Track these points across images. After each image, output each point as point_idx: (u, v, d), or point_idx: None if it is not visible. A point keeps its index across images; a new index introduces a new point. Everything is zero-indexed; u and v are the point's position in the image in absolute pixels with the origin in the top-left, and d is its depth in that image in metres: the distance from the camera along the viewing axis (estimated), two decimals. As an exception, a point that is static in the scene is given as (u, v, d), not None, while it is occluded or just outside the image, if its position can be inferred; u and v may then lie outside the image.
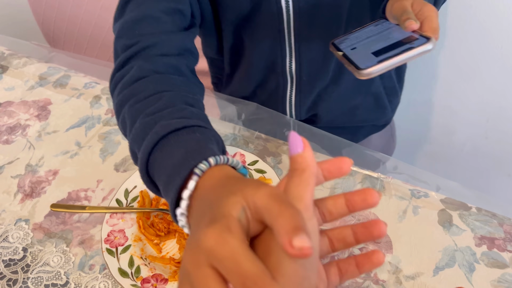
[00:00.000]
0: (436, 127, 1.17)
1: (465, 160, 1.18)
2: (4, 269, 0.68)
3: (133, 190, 0.72)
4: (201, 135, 0.45)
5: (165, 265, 0.64)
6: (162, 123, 0.45)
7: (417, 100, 1.15)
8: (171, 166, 0.42)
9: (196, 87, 0.58)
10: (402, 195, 0.72)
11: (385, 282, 0.62)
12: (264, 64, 0.81)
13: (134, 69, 0.55)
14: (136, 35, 0.57)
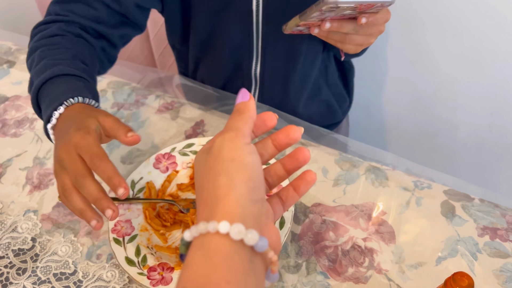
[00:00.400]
0: (439, 121, 1.17)
1: (470, 153, 1.18)
2: (13, 258, 0.69)
3: (139, 181, 0.73)
4: (83, 84, 0.61)
5: (171, 254, 0.66)
6: (59, 67, 0.62)
7: (421, 94, 1.15)
8: (55, 95, 0.58)
9: (96, 58, 0.71)
10: (405, 186, 0.72)
11: (388, 271, 0.63)
12: (232, 64, 0.84)
13: (56, 26, 0.69)
14: (69, 10, 0.70)
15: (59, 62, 0.62)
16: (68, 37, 0.68)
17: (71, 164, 0.51)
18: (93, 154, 0.50)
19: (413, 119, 1.21)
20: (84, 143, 0.51)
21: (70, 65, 0.63)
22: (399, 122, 1.25)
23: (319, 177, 0.74)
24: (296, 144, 0.80)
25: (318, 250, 0.66)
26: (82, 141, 0.51)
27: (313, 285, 0.62)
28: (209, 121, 0.86)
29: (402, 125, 1.24)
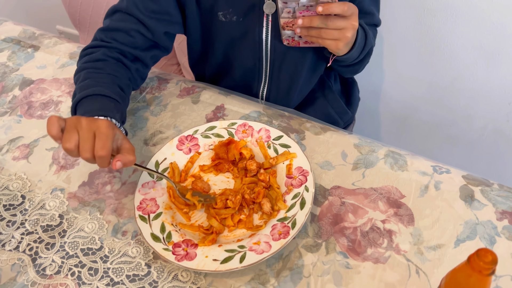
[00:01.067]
0: (456, 111, 1.17)
1: (486, 143, 1.18)
2: (42, 233, 0.72)
3: (163, 162, 0.75)
4: (114, 105, 0.73)
5: (194, 232, 0.68)
6: (99, 88, 0.73)
7: (438, 83, 1.15)
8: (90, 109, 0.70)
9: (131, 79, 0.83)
10: (424, 171, 0.73)
11: (407, 252, 0.64)
12: (242, 85, 0.94)
13: (100, 52, 0.80)
14: (112, 38, 0.82)
15: (100, 84, 0.75)
16: (110, 62, 0.80)
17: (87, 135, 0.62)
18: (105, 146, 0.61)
19: (429, 108, 1.21)
20: (105, 132, 0.62)
21: (108, 88, 0.75)
22: (415, 112, 1.25)
23: (338, 161, 0.76)
24: (315, 129, 0.81)
25: (337, 231, 0.67)
26: (105, 129, 0.63)
27: (332, 264, 0.64)
28: (229, 106, 0.87)
29: (419, 115, 1.24)
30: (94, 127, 0.63)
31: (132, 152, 0.65)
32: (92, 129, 0.62)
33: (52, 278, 0.66)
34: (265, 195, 0.70)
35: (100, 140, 0.62)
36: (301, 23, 0.70)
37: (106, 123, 0.63)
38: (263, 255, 0.61)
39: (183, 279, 0.64)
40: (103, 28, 0.84)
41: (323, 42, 0.73)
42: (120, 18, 0.82)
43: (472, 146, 1.21)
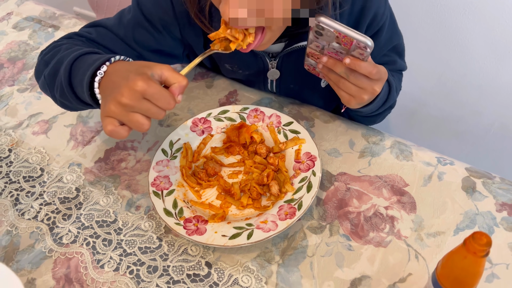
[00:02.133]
0: (464, 106, 1.18)
1: (492, 140, 1.19)
2: (59, 205, 0.75)
3: (177, 142, 0.78)
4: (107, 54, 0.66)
5: (205, 209, 0.71)
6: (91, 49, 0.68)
7: (448, 78, 1.16)
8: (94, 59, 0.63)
9: None
10: (428, 161, 0.75)
11: (407, 238, 0.67)
12: None
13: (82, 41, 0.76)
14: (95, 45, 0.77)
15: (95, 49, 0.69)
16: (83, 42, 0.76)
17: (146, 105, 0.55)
18: (168, 100, 0.56)
19: (437, 103, 1.22)
20: (154, 89, 0.55)
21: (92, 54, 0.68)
22: (423, 106, 1.26)
23: (346, 149, 0.78)
24: (324, 117, 0.83)
25: (342, 214, 0.70)
26: (150, 87, 0.55)
27: (335, 245, 0.67)
28: (242, 91, 0.90)
29: (426, 109, 1.26)
30: (139, 94, 0.55)
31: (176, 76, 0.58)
32: (139, 97, 0.55)
33: (68, 247, 0.70)
34: (273, 178, 0.72)
35: (159, 100, 0.56)
36: (325, 61, 0.66)
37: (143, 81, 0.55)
38: (269, 233, 0.64)
39: (193, 253, 0.67)
40: (83, 35, 0.78)
41: (338, 91, 0.69)
42: (110, 38, 0.77)
43: (478, 142, 1.23)
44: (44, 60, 0.73)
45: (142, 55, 0.80)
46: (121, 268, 0.67)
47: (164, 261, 0.67)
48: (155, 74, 0.57)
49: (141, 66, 0.58)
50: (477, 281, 0.48)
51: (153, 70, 0.57)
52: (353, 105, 0.70)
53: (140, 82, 0.55)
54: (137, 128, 0.57)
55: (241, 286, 0.63)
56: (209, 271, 0.65)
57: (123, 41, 0.78)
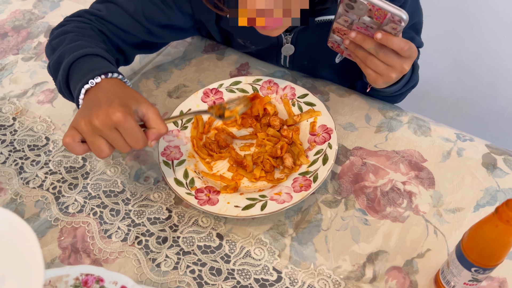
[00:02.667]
0: (478, 89, 1.16)
1: (506, 124, 1.17)
2: (65, 174, 0.73)
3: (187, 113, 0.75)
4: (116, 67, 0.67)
5: (216, 181, 0.68)
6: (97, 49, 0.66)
7: (463, 60, 1.13)
8: (96, 66, 0.62)
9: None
10: (447, 137, 0.73)
11: (426, 213, 0.65)
12: None
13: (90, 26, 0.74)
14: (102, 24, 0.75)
15: (97, 46, 0.68)
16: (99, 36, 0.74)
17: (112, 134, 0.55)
18: (137, 139, 0.56)
19: (451, 85, 1.20)
20: (128, 125, 0.55)
21: (106, 52, 0.68)
22: (436, 88, 1.24)
23: (362, 123, 0.76)
24: (340, 91, 0.81)
25: (357, 189, 0.68)
26: (126, 122, 0.54)
27: (351, 219, 0.65)
28: (253, 64, 0.87)
29: (439, 92, 1.23)
30: (112, 123, 0.54)
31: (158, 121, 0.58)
32: (111, 126, 0.54)
33: (74, 216, 0.68)
34: (287, 150, 0.70)
35: (129, 136, 0.55)
36: (353, 36, 0.62)
37: (121, 114, 0.54)
38: (284, 204, 0.62)
39: (203, 224, 0.65)
40: (93, 13, 0.76)
41: (365, 69, 0.66)
42: (119, 15, 0.75)
43: (491, 127, 1.21)
44: (51, 45, 0.72)
45: (151, 30, 0.78)
46: (129, 239, 0.65)
47: (174, 232, 0.65)
48: (139, 111, 0.58)
49: (130, 97, 0.58)
50: (506, 253, 0.46)
51: (139, 107, 0.58)
52: (379, 84, 0.67)
53: (118, 113, 0.54)
54: (96, 152, 0.56)
55: (254, 259, 0.61)
56: (220, 242, 0.63)
57: (132, 17, 0.76)
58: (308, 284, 0.59)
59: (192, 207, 0.67)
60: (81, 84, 0.60)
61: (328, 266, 0.60)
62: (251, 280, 0.60)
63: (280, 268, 0.61)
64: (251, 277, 0.60)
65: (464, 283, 0.51)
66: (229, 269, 0.61)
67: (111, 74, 0.62)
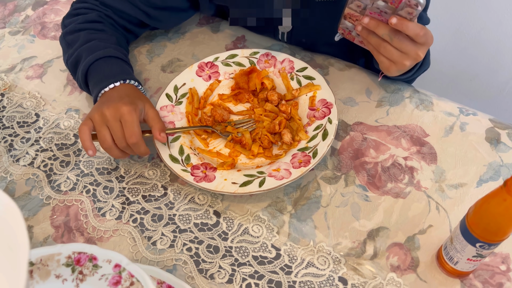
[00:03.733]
0: (479, 64, 1.13)
1: (507, 99, 1.15)
2: (57, 151, 0.71)
3: (182, 87, 0.73)
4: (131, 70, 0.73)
5: (212, 157, 0.66)
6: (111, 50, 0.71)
7: (464, 33, 1.11)
8: (113, 72, 0.68)
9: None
10: (450, 112, 0.71)
11: (428, 189, 0.63)
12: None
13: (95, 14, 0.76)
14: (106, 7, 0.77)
15: (109, 46, 0.72)
16: (107, 24, 0.77)
17: (116, 125, 0.61)
18: (133, 133, 0.61)
19: (451, 60, 1.17)
20: (130, 119, 0.61)
21: (118, 50, 0.72)
22: (436, 63, 1.21)
23: (362, 98, 0.73)
24: (340, 65, 0.78)
25: (358, 165, 0.66)
26: (128, 115, 0.61)
27: (351, 196, 0.63)
28: (250, 37, 0.84)
29: (439, 67, 1.21)
30: (118, 115, 0.61)
31: (157, 119, 0.65)
32: (117, 118, 0.61)
33: (67, 194, 0.66)
34: (286, 126, 0.68)
35: (127, 128, 0.61)
36: (367, 22, 0.59)
37: (126, 107, 0.61)
38: (282, 181, 0.60)
39: (200, 201, 0.64)
40: (99, 0, 0.77)
41: (377, 57, 0.63)
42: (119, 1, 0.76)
43: (491, 102, 1.19)
44: (66, 41, 0.75)
45: (148, 13, 0.77)
46: (124, 217, 0.63)
47: (169, 210, 0.63)
48: (143, 109, 0.65)
49: (138, 98, 0.65)
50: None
51: (145, 107, 0.65)
52: (393, 72, 0.64)
53: (125, 107, 0.61)
54: (100, 141, 0.62)
55: (252, 236, 0.60)
56: (217, 220, 0.62)
57: (128, 1, 0.76)
58: (307, 261, 0.58)
59: (188, 184, 0.65)
60: (99, 87, 0.67)
61: (328, 243, 0.59)
62: (249, 258, 0.58)
63: (279, 245, 0.59)
64: (249, 255, 0.59)
65: (468, 259, 0.50)
66: (226, 247, 0.59)
67: (128, 81, 0.68)
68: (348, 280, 0.56)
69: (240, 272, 0.57)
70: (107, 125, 0.61)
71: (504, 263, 0.56)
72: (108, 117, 0.61)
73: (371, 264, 0.57)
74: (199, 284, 0.57)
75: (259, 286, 0.56)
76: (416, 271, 0.56)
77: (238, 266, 0.58)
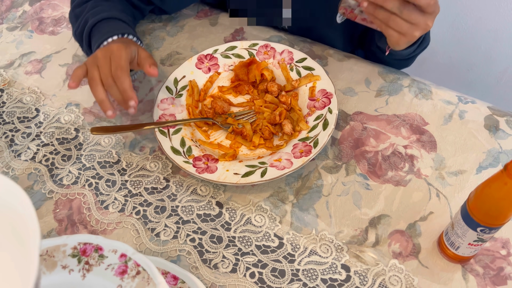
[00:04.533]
0: (476, 53, 1.14)
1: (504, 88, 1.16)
2: (58, 146, 0.71)
3: (182, 79, 0.73)
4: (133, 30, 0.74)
5: (214, 149, 0.67)
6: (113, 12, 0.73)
7: (461, 23, 1.11)
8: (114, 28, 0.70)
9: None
10: (449, 100, 0.71)
11: (428, 177, 0.64)
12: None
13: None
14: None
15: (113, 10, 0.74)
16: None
17: (105, 62, 0.62)
18: (119, 66, 0.61)
19: (448, 50, 1.18)
20: (118, 54, 0.62)
21: (122, 15, 0.75)
22: (433, 54, 1.21)
23: (361, 88, 0.74)
24: (338, 55, 0.78)
25: (358, 154, 0.66)
26: (117, 51, 0.62)
27: (352, 184, 0.63)
28: (249, 29, 0.84)
29: (436, 58, 1.21)
30: (108, 53, 0.62)
31: (149, 57, 0.65)
32: (107, 56, 0.62)
33: (69, 188, 0.66)
34: (286, 117, 0.68)
35: (114, 61, 0.62)
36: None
37: (117, 44, 0.63)
38: (284, 170, 0.60)
39: (202, 193, 0.64)
40: None
41: (386, 31, 0.62)
42: None
43: (489, 91, 1.20)
44: (75, 13, 0.77)
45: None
46: (127, 209, 0.63)
47: (172, 202, 0.63)
48: (136, 52, 0.66)
49: (132, 44, 0.67)
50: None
51: (138, 50, 0.66)
52: (402, 44, 0.63)
53: (115, 45, 0.63)
54: (89, 80, 0.63)
55: (254, 226, 0.61)
56: (220, 211, 0.62)
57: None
58: (310, 249, 0.58)
59: (190, 176, 0.65)
60: (99, 42, 0.68)
61: (330, 231, 0.60)
62: (253, 247, 0.59)
63: (282, 234, 0.60)
64: (252, 244, 0.59)
65: (469, 243, 0.50)
66: (230, 237, 0.60)
67: (127, 35, 0.70)
68: (351, 267, 0.57)
69: (244, 261, 0.58)
70: (97, 65, 0.63)
71: (504, 248, 0.57)
72: (99, 57, 0.63)
73: (373, 251, 0.58)
74: (203, 274, 0.57)
75: (262, 275, 0.57)
76: (418, 257, 0.57)
77: (241, 256, 0.58)
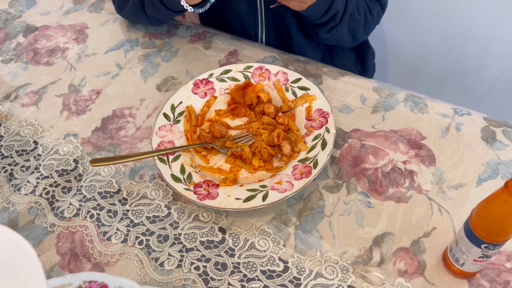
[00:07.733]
0: (469, 60, 1.15)
1: (497, 95, 1.17)
2: (58, 178, 0.71)
3: (179, 105, 0.73)
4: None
5: (214, 174, 0.67)
6: None
7: (452, 32, 1.12)
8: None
9: None
10: (445, 113, 0.72)
11: (429, 192, 0.64)
12: (240, 32, 0.92)
13: None
14: None
15: None
16: None
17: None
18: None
19: (441, 58, 1.18)
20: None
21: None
22: (426, 63, 1.22)
23: (357, 104, 0.74)
24: (333, 73, 0.79)
25: (358, 172, 0.67)
26: None
27: (354, 203, 0.64)
28: (242, 51, 0.85)
29: (429, 67, 1.22)
30: None
31: None
32: None
33: (71, 220, 0.66)
34: (284, 138, 0.69)
35: None
36: None
37: None
38: (285, 193, 0.60)
39: (204, 219, 0.64)
40: None
41: (287, 2, 0.71)
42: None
43: (483, 98, 1.20)
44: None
45: None
46: (130, 239, 0.63)
47: (174, 230, 0.63)
48: None
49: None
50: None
51: None
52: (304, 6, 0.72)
53: None
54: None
55: (258, 250, 0.60)
56: (223, 236, 0.62)
57: None
58: (316, 272, 0.58)
59: (191, 203, 0.65)
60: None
61: (334, 252, 0.59)
62: (258, 272, 0.59)
63: (286, 258, 0.60)
64: (257, 269, 0.59)
65: (474, 259, 0.50)
66: (234, 263, 0.60)
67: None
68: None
69: (250, 287, 0.57)
70: None
71: (509, 261, 0.57)
72: None
73: (379, 270, 0.58)
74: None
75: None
76: (424, 274, 0.57)
77: (247, 282, 0.58)
